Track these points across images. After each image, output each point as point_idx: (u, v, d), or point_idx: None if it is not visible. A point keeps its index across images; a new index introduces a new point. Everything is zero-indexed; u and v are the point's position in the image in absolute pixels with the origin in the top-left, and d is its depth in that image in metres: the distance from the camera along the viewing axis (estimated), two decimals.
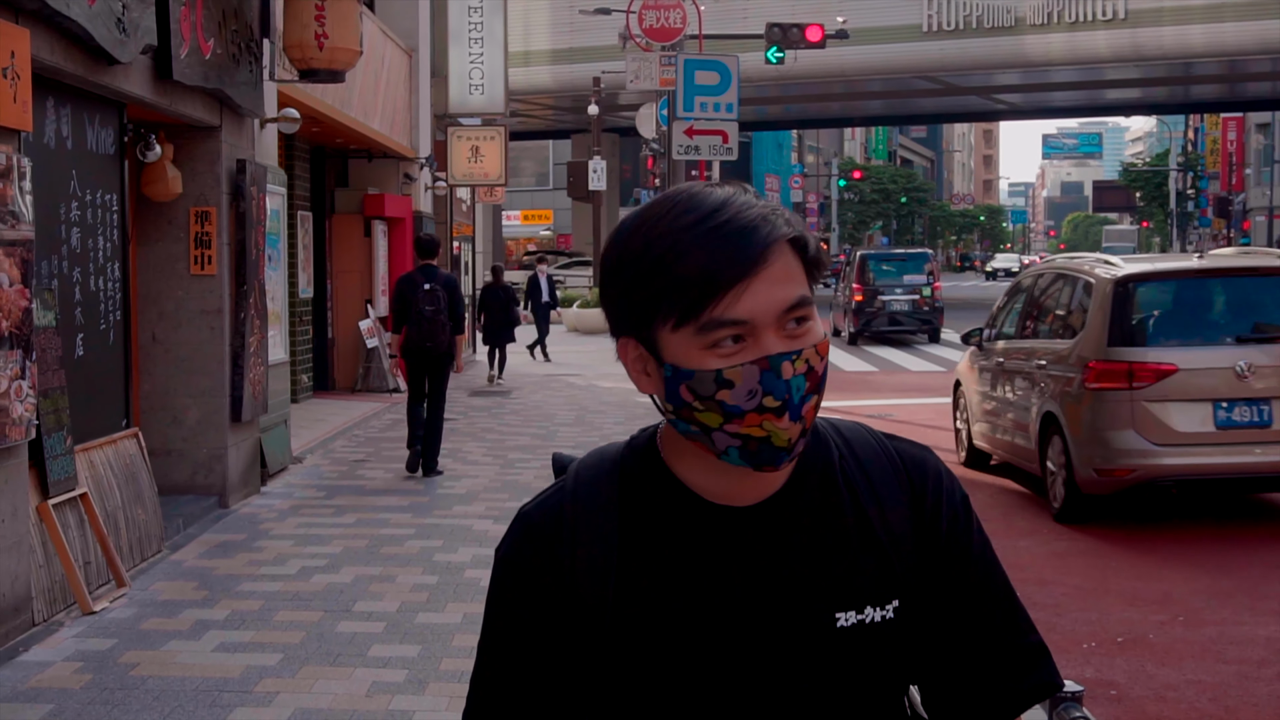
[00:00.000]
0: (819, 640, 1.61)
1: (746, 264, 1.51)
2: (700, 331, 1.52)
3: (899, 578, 1.65)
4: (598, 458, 1.72)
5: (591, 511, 1.65)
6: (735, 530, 1.62)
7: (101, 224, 8.54)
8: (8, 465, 6.63)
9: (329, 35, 10.59)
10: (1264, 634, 7.13)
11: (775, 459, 1.55)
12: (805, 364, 1.54)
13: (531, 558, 1.65)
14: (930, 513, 1.69)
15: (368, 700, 5.85)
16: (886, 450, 1.73)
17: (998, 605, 1.71)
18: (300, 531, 9.46)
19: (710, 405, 1.53)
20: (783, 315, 1.53)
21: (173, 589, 7.83)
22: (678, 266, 1.51)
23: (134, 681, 6.10)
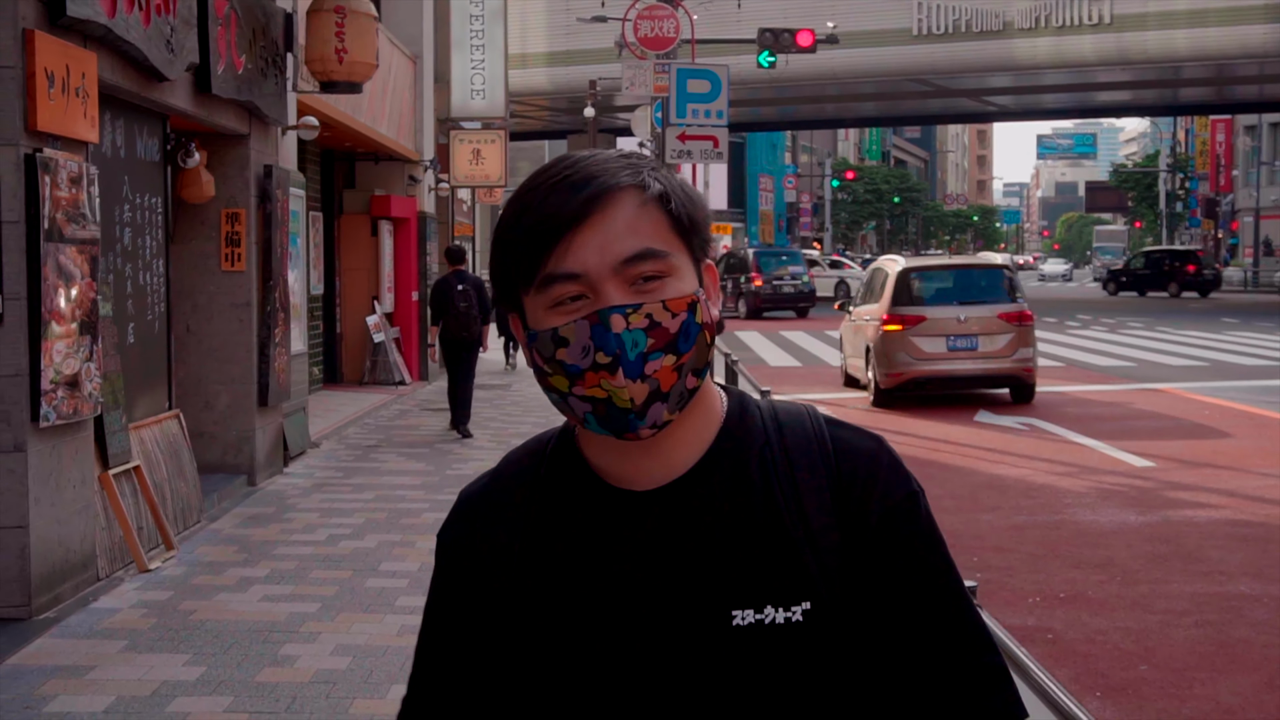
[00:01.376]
0: (712, 638, 1.51)
1: (571, 214, 1.47)
2: (541, 289, 1.50)
3: (812, 578, 1.52)
4: (533, 441, 1.69)
5: (508, 493, 1.63)
6: (631, 514, 1.56)
7: (148, 224, 9.43)
8: (78, 438, 7.52)
9: (348, 50, 11.47)
10: (1189, 590, 8.03)
11: (626, 422, 1.48)
12: (646, 318, 1.46)
13: (460, 537, 1.64)
14: (857, 503, 1.55)
15: (398, 639, 6.74)
16: (820, 437, 1.60)
17: (945, 618, 1.54)
18: (324, 505, 10.36)
19: (555, 367, 1.49)
20: (622, 268, 1.47)
21: (215, 552, 8.72)
22: (522, 224, 1.50)
23: (194, 624, 6.99)
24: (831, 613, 1.51)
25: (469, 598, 1.60)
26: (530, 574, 1.56)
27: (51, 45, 6.98)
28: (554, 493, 1.60)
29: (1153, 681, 6.34)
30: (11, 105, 6.77)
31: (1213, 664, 6.63)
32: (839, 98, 54.12)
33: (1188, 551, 9.06)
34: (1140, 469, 12.36)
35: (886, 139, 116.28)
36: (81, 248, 7.35)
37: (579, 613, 1.54)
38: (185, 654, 6.46)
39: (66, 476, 7.33)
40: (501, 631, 1.57)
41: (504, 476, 1.65)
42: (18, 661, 6.29)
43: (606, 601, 1.53)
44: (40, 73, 6.85)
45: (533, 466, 1.63)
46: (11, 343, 6.83)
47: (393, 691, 5.90)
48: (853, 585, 1.53)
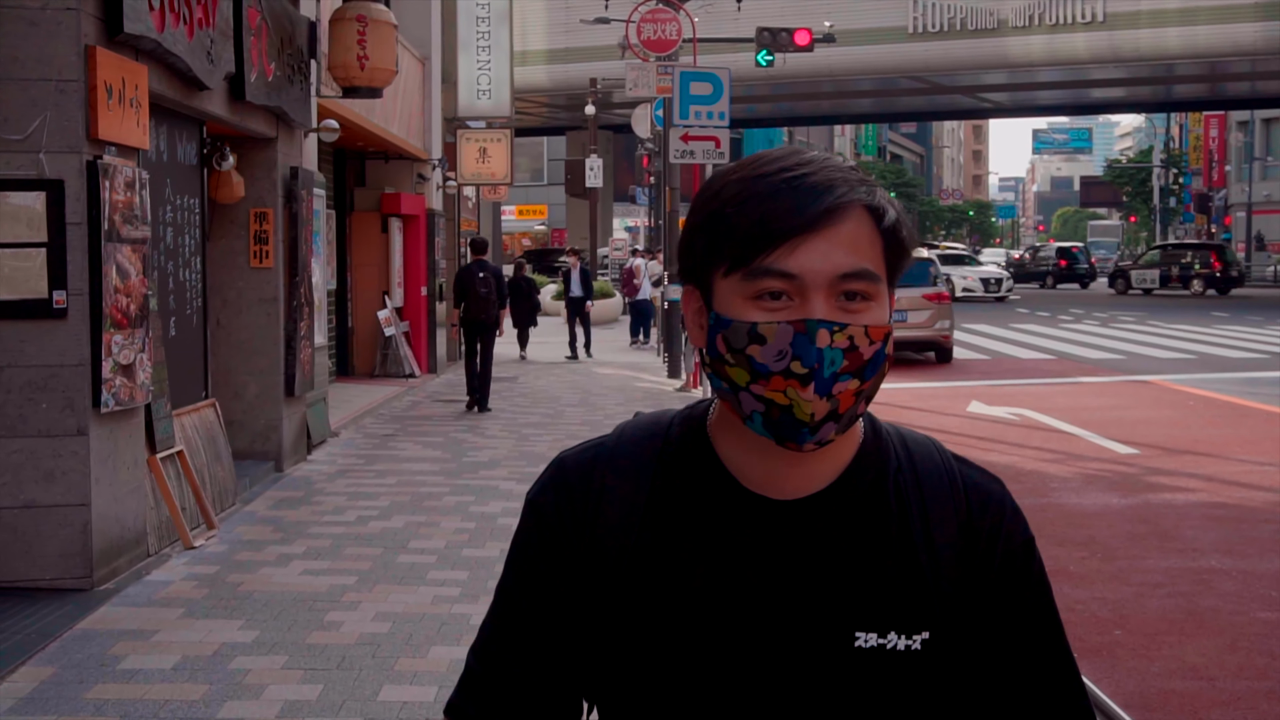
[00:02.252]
0: (832, 657, 1.53)
1: (807, 218, 1.47)
2: (747, 278, 1.49)
3: (934, 608, 1.55)
4: (649, 420, 1.68)
5: (625, 473, 1.61)
6: (767, 522, 1.55)
7: (187, 224, 10.01)
8: (131, 423, 8.09)
9: (370, 57, 12.04)
10: (1164, 565, 8.62)
11: (797, 433, 1.48)
12: (848, 340, 1.46)
13: (556, 505, 1.63)
14: (984, 546, 1.58)
15: (432, 607, 7.32)
16: (950, 471, 1.62)
17: (1050, 661, 1.60)
18: (350, 490, 10.93)
19: (740, 359, 1.48)
20: (836, 282, 1.48)
21: (253, 532, 9.30)
22: (742, 212, 1.49)
23: (242, 594, 7.58)
24: (947, 645, 1.54)
25: (570, 562, 1.59)
26: (649, 559, 1.56)
27: (110, 60, 7.55)
28: (683, 481, 1.59)
29: (1125, 644, 6.92)
30: (75, 116, 7.34)
31: (1181, 629, 7.21)
32: (835, 94, 54.65)
33: (1164, 531, 9.64)
34: (1124, 455, 12.96)
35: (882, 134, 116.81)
36: (135, 247, 7.93)
37: (701, 610, 1.53)
38: (239, 620, 7.04)
39: (121, 459, 7.91)
40: (604, 609, 1.57)
41: (616, 453, 1.63)
42: (86, 626, 6.87)
43: (732, 605, 1.53)
44: (100, 85, 7.42)
45: (654, 450, 1.62)
46: (75, 335, 7.40)
47: (432, 652, 6.49)
48: (968, 621, 1.56)
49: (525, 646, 1.62)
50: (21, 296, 7.28)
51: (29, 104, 7.28)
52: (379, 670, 6.22)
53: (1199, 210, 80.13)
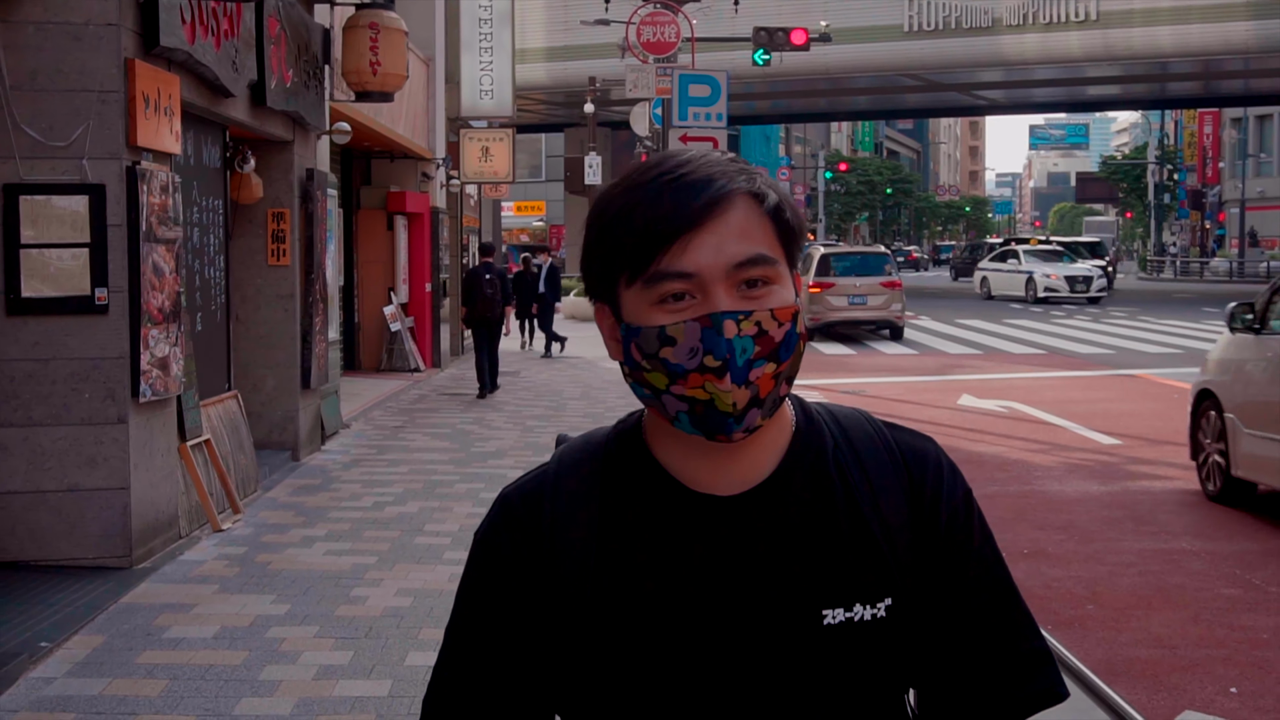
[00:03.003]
0: (804, 638, 1.55)
1: (692, 215, 1.49)
2: (648, 285, 1.51)
3: (892, 574, 1.59)
4: (583, 441, 1.69)
5: (572, 497, 1.62)
6: (716, 520, 1.57)
7: (211, 224, 10.51)
8: (164, 413, 8.60)
9: (381, 62, 12.51)
10: (1137, 547, 9.13)
11: (724, 425, 1.50)
12: (755, 326, 1.49)
13: (508, 542, 1.62)
14: (929, 506, 1.63)
15: (450, 584, 7.83)
16: (885, 440, 1.66)
17: (998, 606, 1.64)
18: (365, 478, 11.44)
19: (655, 364, 1.51)
20: (734, 272, 1.50)
21: (276, 516, 9.81)
22: (631, 220, 1.51)
23: (271, 572, 8.09)
24: (907, 606, 1.59)
25: (522, 598, 1.60)
26: (611, 571, 1.57)
27: (147, 71, 8.05)
28: (628, 494, 1.60)
29: (1096, 617, 7.44)
30: (116, 124, 7.84)
31: (1149, 604, 7.73)
32: (832, 92, 55.05)
33: (1140, 516, 10.16)
34: (1107, 446, 13.48)
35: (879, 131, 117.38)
36: (169, 246, 8.43)
37: (668, 616, 1.54)
38: (270, 594, 7.55)
39: (156, 446, 8.43)
40: (569, 628, 1.57)
41: (559, 479, 1.63)
42: (129, 601, 7.38)
43: (697, 606, 1.54)
44: (139, 96, 7.92)
45: (595, 469, 1.63)
46: (115, 329, 7.91)
47: None
48: (921, 580, 1.60)
49: (482, 687, 1.61)
50: (66, 293, 7.79)
51: (72, 113, 7.78)
52: (404, 639, 6.73)
53: (1193, 206, 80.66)
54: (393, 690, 5.97)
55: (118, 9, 7.82)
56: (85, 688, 5.98)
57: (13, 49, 7.67)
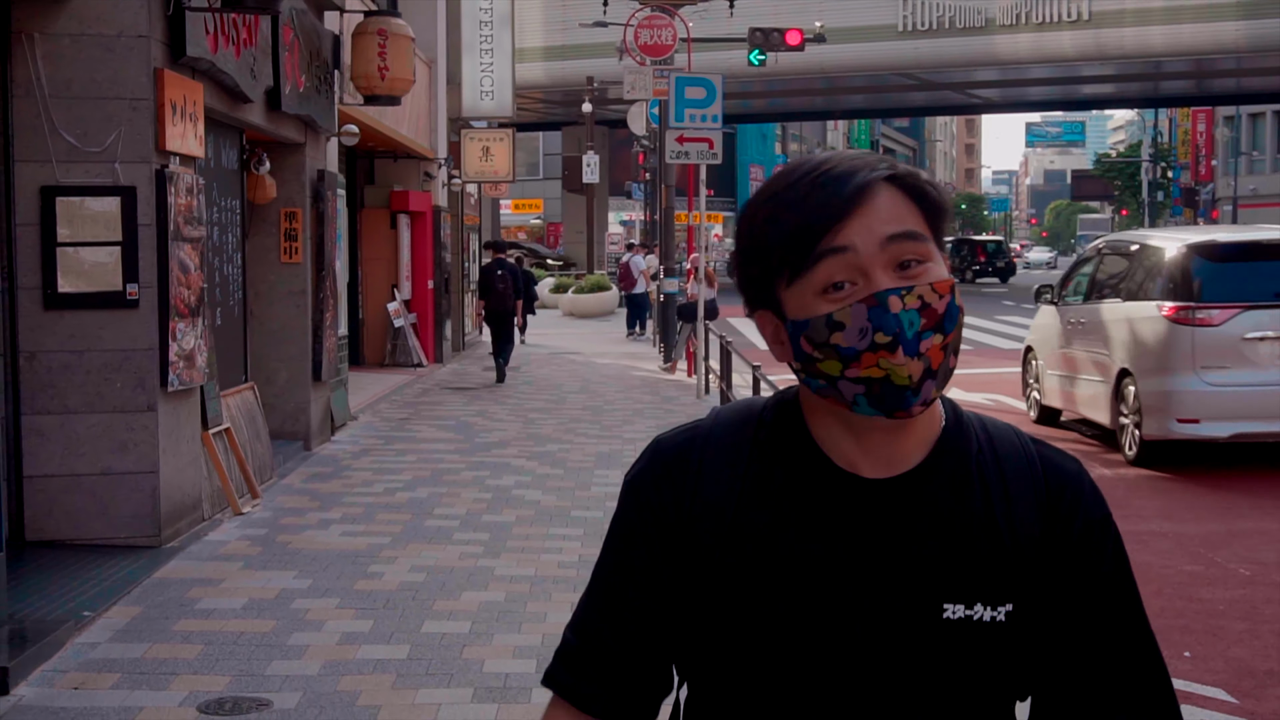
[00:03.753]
0: (921, 628, 1.59)
1: (841, 203, 1.55)
2: (808, 274, 1.56)
3: (1017, 581, 1.62)
4: (743, 405, 1.74)
5: (721, 453, 1.67)
6: (858, 500, 1.62)
7: (229, 224, 11.02)
8: (189, 402, 9.11)
9: (389, 68, 13.03)
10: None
11: (902, 400, 1.55)
12: (918, 300, 1.53)
13: (655, 484, 1.69)
14: (1063, 522, 1.65)
15: (460, 561, 8.34)
16: (1028, 452, 1.70)
17: (1129, 632, 1.65)
18: (374, 466, 11.96)
19: (828, 352, 1.55)
20: (888, 246, 1.55)
21: (293, 501, 10.32)
22: (781, 222, 1.57)
23: (292, 551, 8.60)
24: (1030, 616, 1.61)
25: (667, 543, 1.66)
26: (746, 535, 1.62)
27: (174, 80, 8.56)
28: (777, 462, 1.65)
29: None
30: (146, 130, 8.35)
31: None
32: (828, 91, 55.45)
33: (1115, 499, 10.62)
34: (1087, 436, 13.98)
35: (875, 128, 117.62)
36: (194, 245, 8.94)
37: (795, 584, 1.60)
38: (292, 570, 8.07)
39: (182, 433, 8.93)
40: (701, 584, 1.63)
41: (712, 436, 1.70)
42: (161, 576, 7.89)
43: (825, 579, 1.59)
44: (167, 103, 8.43)
45: (748, 432, 1.68)
46: (145, 323, 8.42)
47: (464, 596, 7.51)
48: (1049, 594, 1.62)
49: (622, 622, 1.69)
50: (99, 289, 8.30)
51: (105, 120, 8.29)
52: (420, 610, 7.24)
53: (1187, 204, 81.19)
54: (411, 654, 6.48)
55: (148, 21, 8.33)
56: (127, 651, 6.49)
57: (50, 60, 8.17)
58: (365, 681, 6.08)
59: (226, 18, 9.36)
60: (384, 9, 13.24)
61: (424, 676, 6.15)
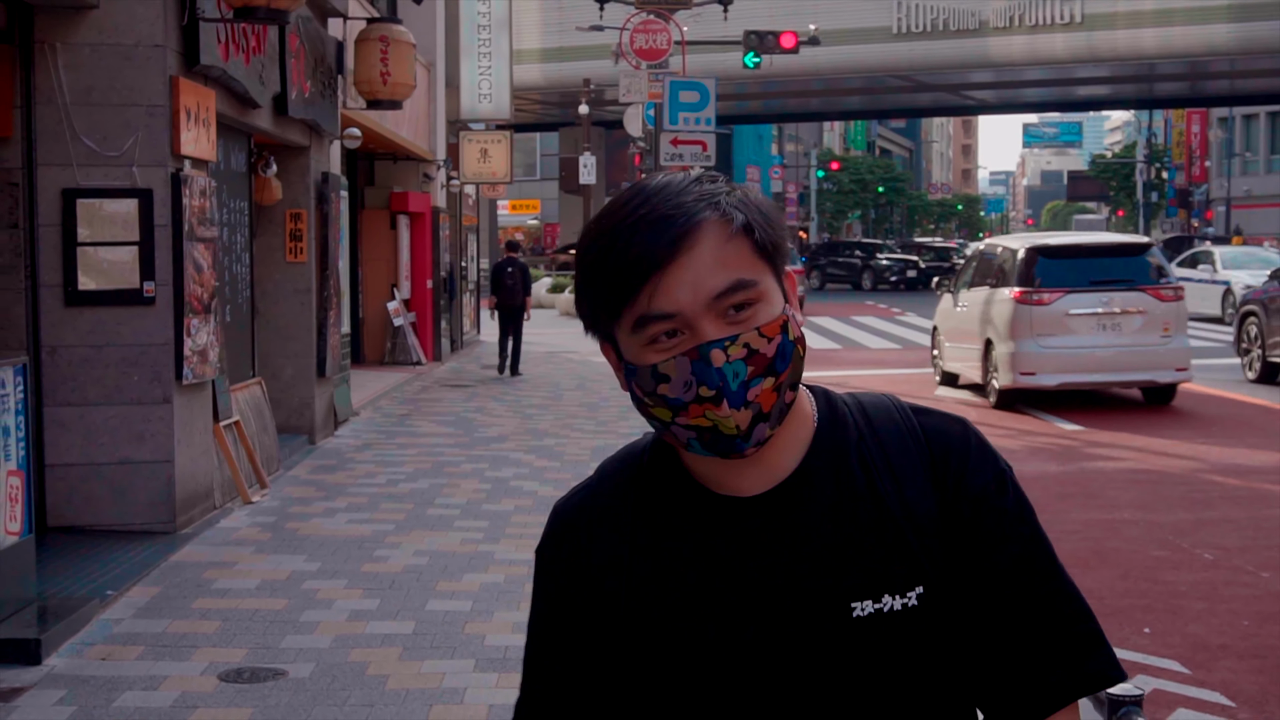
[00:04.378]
0: (834, 632, 1.56)
1: (660, 254, 1.51)
2: (636, 329, 1.54)
3: (921, 563, 1.58)
4: (625, 452, 1.74)
5: (608, 507, 1.68)
6: (741, 520, 1.60)
7: (238, 224, 11.43)
8: (201, 396, 9.52)
9: (391, 73, 13.43)
10: (1084, 518, 10.07)
11: (732, 446, 1.54)
12: (744, 348, 1.51)
13: (557, 550, 1.70)
14: (953, 487, 1.61)
15: (461, 546, 8.76)
16: (909, 423, 1.66)
17: (1041, 587, 1.61)
18: (377, 458, 12.37)
19: (656, 400, 1.54)
20: (713, 303, 1.51)
21: (300, 491, 10.74)
22: (606, 264, 1.54)
23: (301, 537, 9.02)
24: (940, 594, 1.58)
25: (577, 607, 1.67)
26: (645, 579, 1.62)
27: (189, 87, 8.97)
28: (659, 502, 1.65)
29: None
30: (162, 135, 8.76)
31: (1086, 564, 8.65)
32: (824, 92, 55.82)
33: (1090, 492, 11.10)
34: (1069, 432, 14.42)
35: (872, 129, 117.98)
36: (207, 245, 9.35)
37: (700, 614, 1.58)
38: (301, 555, 8.48)
39: (195, 425, 9.34)
40: (616, 635, 1.63)
41: (602, 488, 1.71)
42: (177, 559, 8.30)
43: (731, 605, 1.58)
44: (182, 109, 8.84)
45: (632, 478, 1.69)
46: (162, 319, 8.83)
47: (465, 578, 7.93)
48: (954, 564, 1.59)
49: (561, 698, 1.68)
50: (118, 286, 8.71)
51: (123, 125, 8.70)
52: (423, 590, 7.66)
53: (1181, 205, 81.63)
54: (416, 629, 6.89)
55: (164, 31, 8.74)
56: (150, 627, 6.90)
57: (71, 68, 8.58)
58: (374, 654, 6.49)
59: (237, 27, 9.76)
60: (386, 16, 13.65)
61: (429, 649, 6.56)
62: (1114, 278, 16.04)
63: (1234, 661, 6.65)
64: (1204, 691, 6.20)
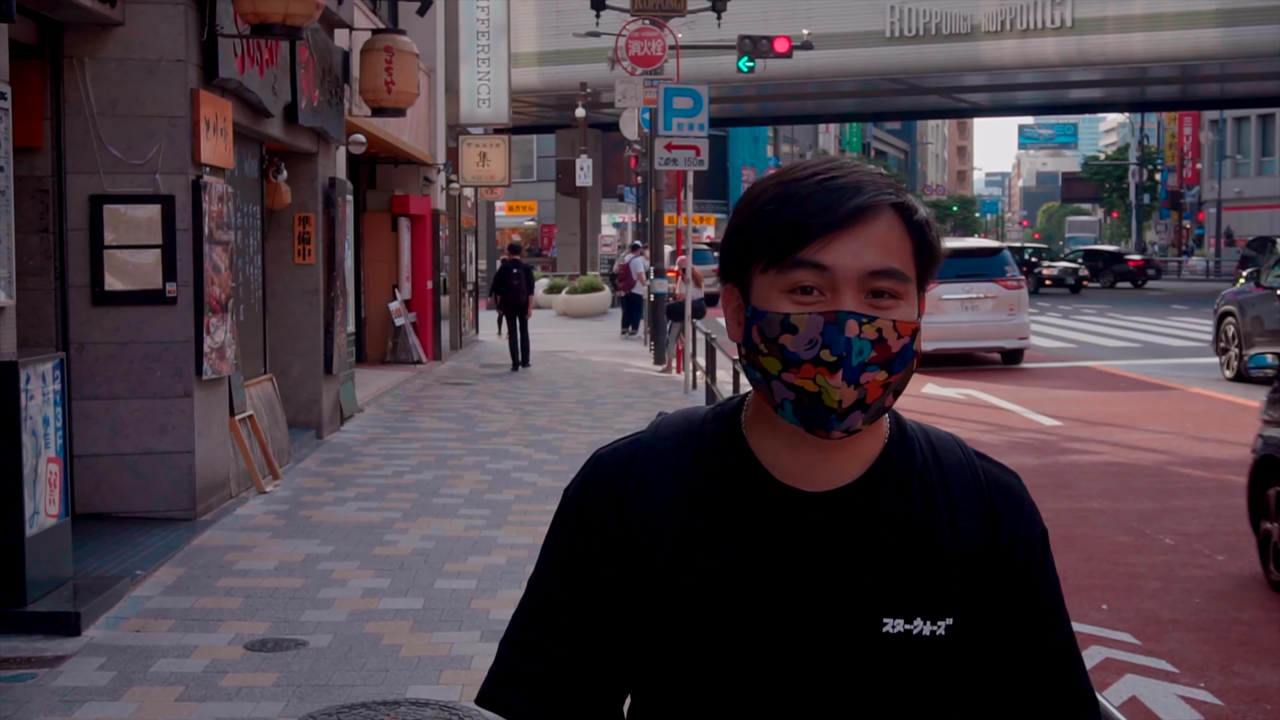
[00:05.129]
0: (860, 642, 1.60)
1: (839, 215, 1.55)
2: (782, 272, 1.56)
3: (958, 595, 1.63)
4: (682, 417, 1.74)
5: (661, 466, 1.68)
6: (797, 513, 1.62)
7: (251, 228, 11.97)
8: (219, 390, 10.06)
9: (395, 82, 13.96)
10: (1055, 506, 10.59)
11: (825, 420, 1.55)
12: (876, 331, 1.53)
13: (596, 498, 1.69)
14: (1008, 539, 1.66)
15: (465, 532, 9.30)
16: (973, 466, 1.70)
17: (1058, 646, 1.69)
18: (383, 452, 12.91)
19: (773, 349, 1.55)
20: (866, 279, 1.55)
21: (310, 481, 11.27)
22: (780, 213, 1.57)
23: (314, 524, 9.56)
24: (968, 630, 1.63)
25: (609, 555, 1.66)
26: (686, 544, 1.62)
27: (208, 99, 9.51)
28: (716, 473, 1.66)
29: None
30: (183, 145, 9.29)
31: (1056, 547, 9.12)
32: (819, 95, 56.25)
33: (1064, 483, 11.64)
34: (1048, 427, 14.97)
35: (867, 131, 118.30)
36: (224, 247, 9.89)
37: (734, 596, 1.60)
38: (315, 539, 9.02)
39: (214, 418, 9.88)
40: (642, 591, 1.63)
41: (653, 448, 1.70)
42: (199, 543, 8.84)
43: (764, 591, 1.59)
44: (201, 120, 9.38)
45: (687, 445, 1.69)
46: (183, 317, 9.37)
47: (469, 559, 8.47)
48: (987, 608, 1.64)
49: (562, 636, 1.67)
50: (142, 287, 9.25)
51: (147, 135, 9.23)
52: (431, 570, 8.20)
53: (1172, 207, 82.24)
54: (425, 605, 7.43)
55: (185, 47, 9.28)
56: (178, 603, 7.45)
57: (98, 82, 9.12)
58: (387, 626, 7.03)
59: (252, 41, 10.30)
60: (390, 27, 14.18)
61: (438, 622, 7.10)
62: (974, 272, 21.78)
63: (1182, 634, 7.19)
64: (1152, 659, 6.74)
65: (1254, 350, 18.49)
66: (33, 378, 7.02)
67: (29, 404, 6.96)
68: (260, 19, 9.12)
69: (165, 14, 9.23)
